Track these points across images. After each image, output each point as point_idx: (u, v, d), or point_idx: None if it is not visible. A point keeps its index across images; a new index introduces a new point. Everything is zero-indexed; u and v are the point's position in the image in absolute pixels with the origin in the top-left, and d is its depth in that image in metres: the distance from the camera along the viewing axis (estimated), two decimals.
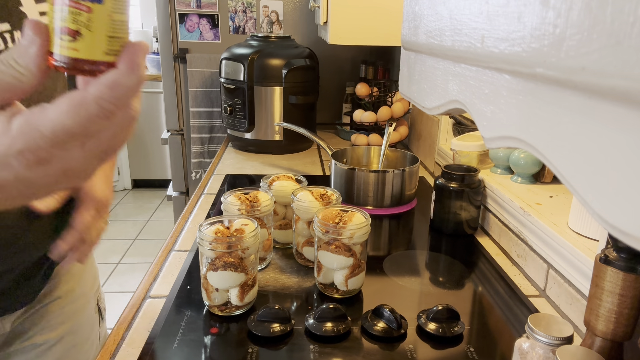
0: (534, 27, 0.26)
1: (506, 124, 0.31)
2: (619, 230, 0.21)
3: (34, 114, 0.33)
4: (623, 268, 0.48)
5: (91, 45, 0.34)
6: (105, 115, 0.33)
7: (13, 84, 0.33)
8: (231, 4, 1.86)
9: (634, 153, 0.20)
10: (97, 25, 0.34)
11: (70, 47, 0.34)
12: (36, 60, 0.33)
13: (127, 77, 0.33)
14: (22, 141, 0.32)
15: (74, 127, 0.32)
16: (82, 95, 0.32)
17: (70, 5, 0.33)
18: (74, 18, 0.33)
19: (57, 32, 0.34)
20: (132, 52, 0.34)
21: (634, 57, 0.19)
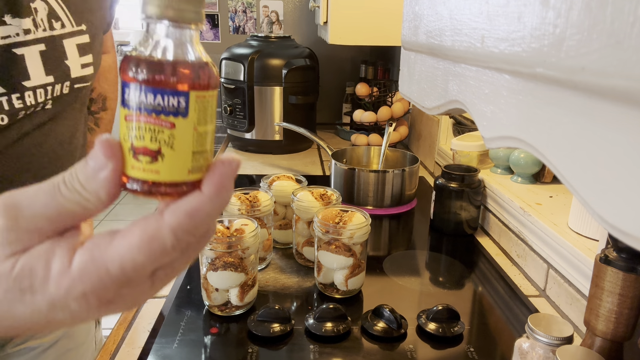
0: (534, 27, 0.26)
1: (506, 124, 0.31)
2: (619, 230, 0.21)
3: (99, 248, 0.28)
4: (623, 268, 0.48)
5: (173, 166, 0.28)
6: (182, 248, 0.28)
7: (77, 211, 0.28)
8: (231, 4, 1.86)
9: (634, 153, 0.20)
10: (180, 142, 0.28)
11: (149, 169, 0.28)
12: (107, 186, 0.28)
13: (211, 203, 0.28)
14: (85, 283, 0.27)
15: (146, 263, 0.28)
16: (158, 226, 0.27)
17: (150, 122, 0.27)
18: (154, 136, 0.28)
19: (133, 153, 0.28)
20: (220, 172, 0.28)
21: (634, 57, 0.19)
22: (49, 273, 0.27)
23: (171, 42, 0.28)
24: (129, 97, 0.28)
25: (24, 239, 0.27)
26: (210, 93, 0.29)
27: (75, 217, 0.28)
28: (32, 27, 0.59)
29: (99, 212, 0.29)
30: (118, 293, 0.28)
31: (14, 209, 0.27)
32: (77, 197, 0.27)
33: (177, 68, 0.27)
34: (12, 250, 0.27)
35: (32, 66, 0.59)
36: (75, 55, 0.65)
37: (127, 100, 0.28)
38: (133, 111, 0.28)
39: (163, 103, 0.27)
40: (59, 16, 0.62)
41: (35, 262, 0.27)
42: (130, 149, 0.28)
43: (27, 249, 0.28)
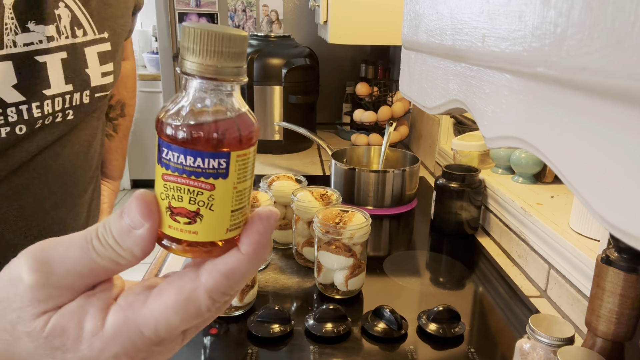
0: (535, 26, 0.26)
1: (507, 123, 0.31)
2: (620, 230, 0.20)
3: (133, 310, 0.27)
4: (624, 268, 0.48)
5: (212, 226, 0.27)
6: (217, 308, 0.27)
7: (109, 267, 0.27)
8: (231, 3, 1.86)
9: (635, 152, 0.19)
10: (220, 202, 0.27)
11: (187, 229, 0.27)
12: (142, 244, 0.27)
13: (248, 263, 0.27)
14: (118, 345, 0.27)
15: (180, 325, 0.27)
16: (194, 287, 0.26)
17: (188, 184, 0.26)
18: (193, 198, 0.27)
19: (171, 212, 0.27)
20: (258, 231, 0.27)
21: (635, 57, 0.19)
22: (82, 333, 0.27)
23: (211, 100, 0.27)
24: (167, 156, 0.27)
25: (55, 296, 0.27)
26: (252, 150, 0.28)
27: (107, 273, 0.28)
28: (56, 34, 0.58)
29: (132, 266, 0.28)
30: (149, 351, 0.28)
31: (46, 265, 0.26)
32: (110, 254, 0.27)
33: (218, 129, 0.26)
34: (44, 308, 0.27)
35: (53, 74, 0.58)
36: (96, 64, 0.64)
37: (164, 159, 0.27)
38: (171, 171, 0.27)
39: (203, 165, 0.26)
40: (81, 23, 0.62)
41: (68, 321, 0.27)
42: (168, 208, 0.27)
43: (59, 307, 0.27)
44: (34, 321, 0.27)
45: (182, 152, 0.26)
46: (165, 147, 0.27)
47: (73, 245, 0.27)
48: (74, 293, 0.27)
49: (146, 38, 3.74)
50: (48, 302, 0.27)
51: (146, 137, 3.84)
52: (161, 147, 0.27)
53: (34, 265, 0.26)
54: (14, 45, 0.54)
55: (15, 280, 0.27)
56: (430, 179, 1.39)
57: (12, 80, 0.55)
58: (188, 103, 0.27)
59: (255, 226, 0.27)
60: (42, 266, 0.26)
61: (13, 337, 0.27)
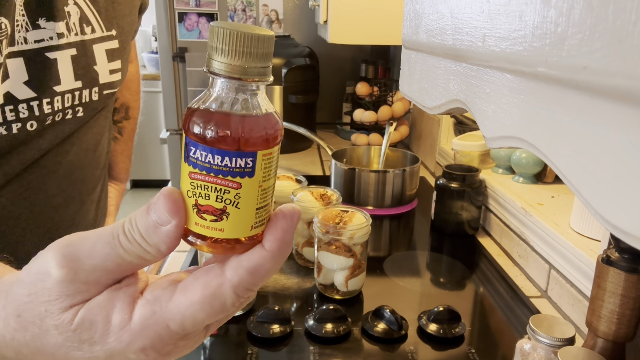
0: (536, 25, 0.26)
1: (507, 123, 0.31)
2: (621, 230, 0.20)
3: (160, 304, 0.27)
4: (625, 269, 0.47)
5: (238, 224, 0.28)
6: (240, 303, 0.28)
7: (135, 262, 0.28)
8: (230, 3, 1.86)
9: (636, 152, 0.19)
10: (245, 200, 0.27)
11: (213, 227, 0.28)
12: (168, 241, 0.27)
13: (272, 260, 0.28)
14: (145, 338, 0.27)
15: (205, 319, 0.27)
16: (219, 283, 0.27)
17: (216, 183, 0.27)
18: (220, 196, 0.27)
19: (197, 210, 0.28)
20: (282, 228, 0.28)
21: (636, 56, 0.18)
22: (109, 326, 0.27)
23: (238, 100, 0.27)
24: (194, 155, 0.27)
25: (83, 290, 0.27)
26: (276, 149, 0.28)
27: (133, 268, 0.28)
28: (66, 31, 0.58)
29: (157, 262, 0.29)
30: (175, 345, 0.29)
31: (74, 260, 0.27)
32: (137, 250, 0.27)
33: (245, 129, 0.27)
34: (72, 302, 0.27)
35: (63, 71, 0.59)
36: (104, 61, 0.65)
37: (192, 158, 0.27)
38: (199, 170, 0.27)
39: (230, 164, 0.27)
40: (89, 21, 0.62)
41: (96, 315, 0.27)
42: (195, 206, 0.28)
43: (86, 300, 0.28)
44: (62, 314, 0.27)
45: (209, 151, 0.26)
46: (192, 145, 0.27)
47: (100, 241, 0.27)
48: (101, 287, 0.28)
49: (146, 38, 3.74)
50: (76, 296, 0.27)
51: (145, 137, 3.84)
52: (189, 146, 0.27)
53: (61, 260, 0.27)
54: (25, 42, 0.54)
55: (43, 274, 0.27)
56: (430, 179, 1.39)
57: (23, 76, 0.55)
58: (215, 102, 0.27)
59: (280, 224, 0.28)
60: (70, 262, 0.27)
61: (42, 330, 0.28)
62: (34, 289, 0.27)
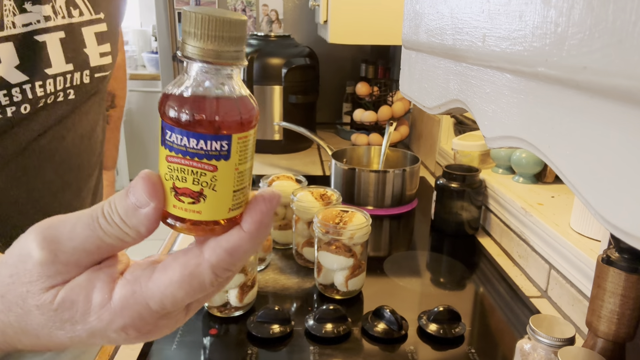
0: (536, 25, 0.26)
1: (508, 123, 0.31)
2: (621, 230, 0.20)
3: (140, 283, 0.28)
4: (625, 269, 0.47)
5: (215, 206, 0.28)
6: (219, 283, 0.29)
7: (115, 244, 0.28)
8: (230, 3, 1.86)
9: (636, 152, 0.19)
10: (222, 183, 0.28)
11: (191, 209, 0.28)
12: (147, 223, 0.28)
13: (250, 241, 0.28)
14: (125, 317, 0.28)
15: (185, 298, 0.28)
16: (198, 263, 0.28)
17: (192, 166, 0.27)
18: (197, 179, 0.28)
19: (175, 193, 0.28)
20: (261, 211, 0.28)
21: (636, 56, 0.18)
22: (90, 306, 0.28)
23: (213, 83, 0.28)
24: (170, 139, 0.28)
25: (63, 271, 0.28)
26: (252, 132, 0.29)
27: (113, 249, 0.29)
28: (52, 14, 0.59)
29: (136, 244, 0.29)
30: (156, 325, 0.29)
31: (54, 242, 0.27)
32: (117, 232, 0.28)
33: (220, 113, 0.27)
34: (52, 283, 0.28)
35: (53, 53, 0.59)
36: (94, 44, 0.65)
37: (168, 141, 0.28)
38: (175, 153, 0.28)
39: (206, 147, 0.27)
40: (76, 4, 0.62)
41: (76, 295, 0.28)
42: (172, 189, 0.28)
43: (67, 281, 0.28)
44: (42, 295, 0.28)
45: (185, 134, 0.27)
46: (168, 129, 0.28)
47: (80, 223, 0.28)
48: (81, 269, 0.28)
49: (146, 38, 3.74)
50: (56, 277, 0.28)
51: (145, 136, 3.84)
52: (165, 130, 0.28)
53: (42, 242, 0.27)
54: (13, 26, 0.55)
55: (24, 256, 0.28)
56: (430, 179, 1.39)
57: (14, 61, 0.55)
58: (190, 86, 0.28)
59: (259, 206, 0.28)
60: (50, 244, 0.27)
61: (24, 311, 0.28)
62: (15, 270, 0.28)
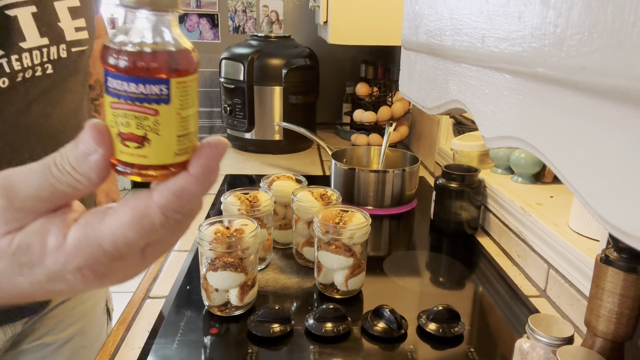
0: (535, 26, 0.26)
1: (507, 123, 0.31)
2: (619, 230, 0.20)
3: (92, 225, 0.29)
4: (624, 268, 0.48)
5: (160, 150, 0.30)
6: (170, 224, 0.30)
7: (68, 192, 0.29)
8: (231, 4, 1.86)
9: (634, 153, 0.19)
10: (165, 127, 0.29)
11: (137, 154, 0.29)
12: (97, 170, 0.29)
13: (197, 184, 0.29)
14: (79, 258, 0.29)
15: (137, 239, 0.29)
16: (146, 205, 0.29)
17: (134, 110, 0.29)
18: (139, 123, 0.29)
19: (121, 139, 0.29)
20: (207, 156, 0.30)
21: (635, 57, 0.19)
22: (45, 248, 0.29)
23: (150, 30, 0.29)
24: (112, 85, 0.29)
25: (19, 217, 0.29)
26: (191, 78, 0.30)
27: (67, 197, 0.30)
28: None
29: (90, 192, 0.30)
30: (111, 267, 0.30)
31: (10, 190, 0.29)
32: (68, 179, 0.29)
33: (157, 57, 0.29)
34: (9, 228, 0.29)
35: (26, 27, 0.59)
36: (68, 18, 0.65)
37: (110, 88, 0.29)
38: (117, 99, 0.29)
39: (145, 91, 0.28)
40: None
41: (32, 239, 0.29)
42: (118, 135, 0.29)
43: (22, 227, 0.29)
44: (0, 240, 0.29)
45: (125, 79, 0.28)
46: (110, 76, 0.29)
47: (33, 172, 0.29)
48: (36, 215, 0.30)
49: None
50: (12, 223, 0.29)
51: None
52: (107, 77, 0.29)
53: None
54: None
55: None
56: (430, 179, 1.39)
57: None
58: (128, 33, 0.29)
59: (205, 152, 0.30)
60: (7, 192, 0.29)
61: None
62: None
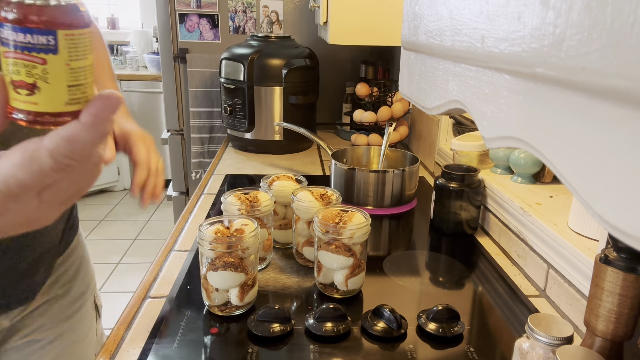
0: (534, 27, 0.26)
1: (506, 124, 0.31)
2: (619, 230, 0.21)
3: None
4: (623, 268, 0.48)
5: (50, 98, 0.32)
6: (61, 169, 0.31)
7: None
8: (231, 4, 1.86)
9: (634, 153, 0.20)
10: (54, 76, 0.32)
11: (28, 100, 0.32)
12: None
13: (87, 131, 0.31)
14: None
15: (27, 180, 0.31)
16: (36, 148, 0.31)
17: (23, 59, 0.31)
18: (29, 71, 0.31)
19: (13, 86, 0.32)
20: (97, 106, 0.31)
21: (634, 57, 0.19)
22: None
23: None
24: (4, 35, 0.31)
25: None
26: (80, 31, 0.33)
27: None
28: None
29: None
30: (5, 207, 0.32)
31: None
32: None
33: (44, 9, 0.31)
34: None
35: None
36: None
37: (2, 39, 0.32)
38: (8, 48, 0.31)
39: (33, 41, 0.31)
40: None
41: None
42: (11, 83, 0.32)
43: None
44: None
45: (15, 29, 0.31)
46: (2, 27, 0.31)
47: None
48: None
49: (147, 39, 3.74)
50: None
51: None
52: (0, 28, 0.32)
53: None
54: None
55: None
56: (429, 179, 1.39)
57: None
58: None
59: (95, 102, 0.32)
60: None
61: None
62: None
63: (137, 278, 2.65)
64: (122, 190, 3.97)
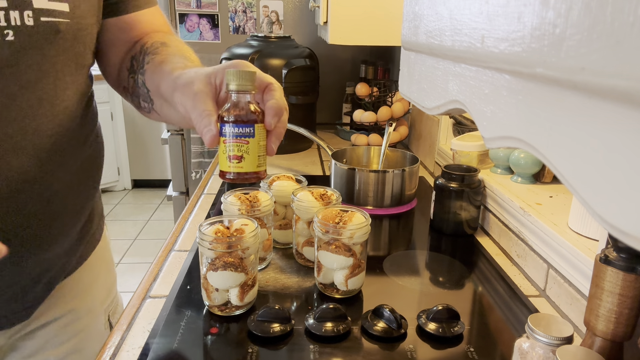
0: (534, 27, 0.26)
1: (506, 124, 0.31)
2: (619, 230, 0.21)
3: None
4: (623, 268, 0.48)
5: (249, 164, 0.58)
6: None
7: None
8: (231, 4, 1.86)
9: (634, 153, 0.20)
10: (252, 150, 0.58)
11: (237, 166, 0.58)
12: None
13: None
14: None
15: None
16: None
17: (236, 142, 0.57)
18: (239, 148, 0.57)
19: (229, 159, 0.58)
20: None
21: (634, 57, 0.19)
22: None
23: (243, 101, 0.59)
24: (225, 130, 0.58)
25: None
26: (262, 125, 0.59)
27: None
28: None
29: None
30: None
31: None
32: None
33: (248, 114, 0.58)
34: None
35: None
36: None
37: (224, 132, 0.58)
38: (227, 137, 0.58)
39: (243, 131, 0.57)
40: None
41: None
42: (227, 157, 0.58)
43: None
44: None
45: (232, 126, 0.58)
46: (223, 126, 0.58)
47: None
48: None
49: None
50: None
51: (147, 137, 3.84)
52: (222, 127, 0.58)
53: None
54: None
55: None
56: (429, 179, 1.39)
57: None
58: (231, 103, 0.59)
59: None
60: None
61: None
62: None
63: (137, 278, 2.65)
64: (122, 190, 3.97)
